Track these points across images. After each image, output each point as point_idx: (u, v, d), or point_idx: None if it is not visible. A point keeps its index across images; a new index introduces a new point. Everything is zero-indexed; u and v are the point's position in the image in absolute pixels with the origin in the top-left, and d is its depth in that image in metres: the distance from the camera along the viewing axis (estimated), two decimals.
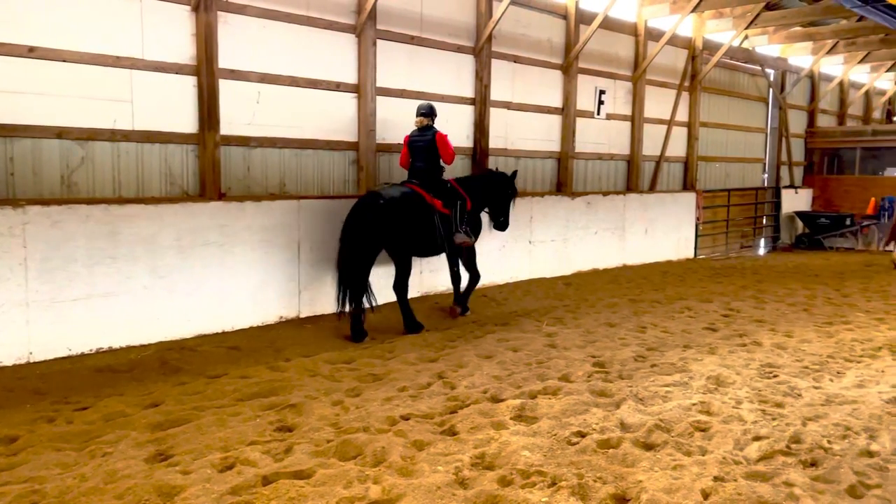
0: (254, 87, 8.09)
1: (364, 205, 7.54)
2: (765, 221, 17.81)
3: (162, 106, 7.39)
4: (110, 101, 7.04)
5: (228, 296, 7.52)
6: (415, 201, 7.84)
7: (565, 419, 4.92)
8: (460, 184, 8.48)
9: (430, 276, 9.69)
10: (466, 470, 4.12)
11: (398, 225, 7.59)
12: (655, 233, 13.87)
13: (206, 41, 7.49)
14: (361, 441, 4.49)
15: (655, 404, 5.29)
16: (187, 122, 7.58)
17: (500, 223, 9.06)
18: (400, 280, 7.81)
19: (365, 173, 9.14)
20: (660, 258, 14.03)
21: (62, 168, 6.81)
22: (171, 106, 7.45)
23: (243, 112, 8.03)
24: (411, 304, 7.94)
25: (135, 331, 6.85)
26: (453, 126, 9.92)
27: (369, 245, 7.51)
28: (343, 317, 7.51)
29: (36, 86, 6.57)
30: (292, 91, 8.43)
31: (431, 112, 8.28)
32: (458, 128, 10.27)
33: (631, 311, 9.02)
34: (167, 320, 7.06)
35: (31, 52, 6.51)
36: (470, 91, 10.54)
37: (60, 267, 6.36)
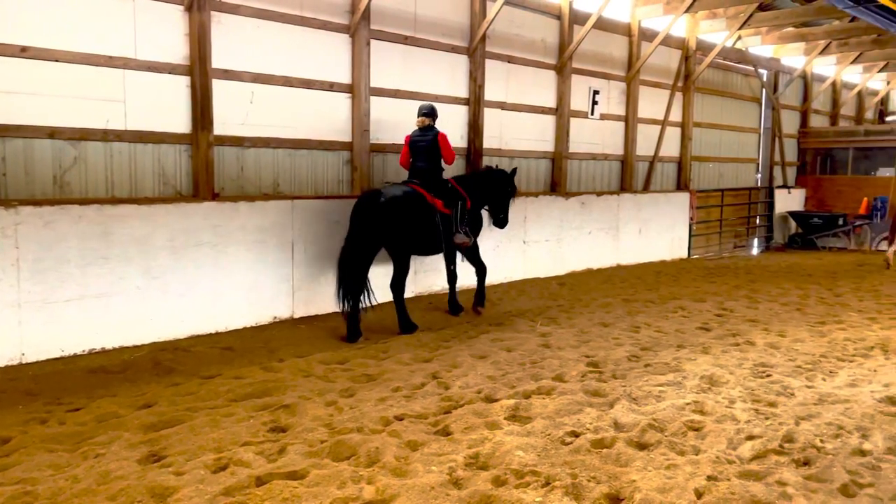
0: (247, 87, 8.07)
1: (365, 203, 7.56)
2: (758, 221, 17.87)
3: (155, 106, 7.37)
4: (103, 101, 7.02)
5: (222, 296, 7.50)
6: (416, 201, 7.85)
7: (559, 419, 4.93)
8: (460, 183, 8.49)
9: (425, 277, 9.70)
10: (460, 470, 4.12)
11: (398, 224, 7.60)
12: (649, 233, 13.90)
13: (199, 41, 7.48)
14: (355, 441, 4.49)
15: (649, 404, 5.30)
16: (180, 122, 7.56)
17: (500, 220, 9.09)
18: (397, 279, 7.81)
19: (359, 173, 9.14)
20: (654, 258, 14.06)
21: (55, 168, 6.78)
22: (165, 106, 7.43)
23: (237, 112, 8.01)
24: (406, 304, 7.94)
25: (128, 331, 6.83)
26: (448, 126, 9.87)
27: (369, 243, 7.53)
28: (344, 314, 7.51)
29: (28, 86, 6.54)
30: (286, 91, 8.42)
31: (433, 112, 8.32)
32: (453, 128, 10.25)
33: (625, 310, 9.03)
34: (160, 321, 7.04)
35: (24, 52, 6.48)
36: (464, 91, 10.54)
37: (53, 267, 6.34)
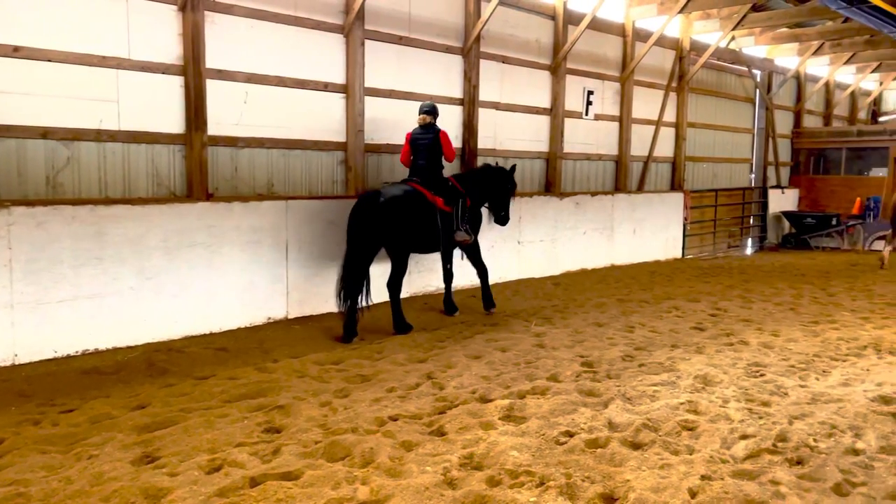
0: (241, 88, 8.06)
1: (364, 204, 7.55)
2: (752, 221, 17.91)
3: (148, 106, 7.35)
4: (96, 101, 6.99)
5: (216, 297, 7.49)
6: (415, 199, 7.86)
7: (553, 419, 4.93)
8: (459, 180, 8.51)
9: (420, 277, 9.70)
10: (455, 470, 4.12)
11: (398, 223, 7.60)
12: (643, 233, 13.92)
13: (193, 41, 7.46)
14: (350, 442, 4.48)
15: (643, 404, 5.31)
16: (174, 122, 7.54)
17: (502, 218, 9.11)
18: (394, 278, 7.81)
19: (353, 174, 9.13)
20: (648, 258, 14.09)
21: (47, 168, 6.76)
22: (158, 106, 7.41)
23: (231, 112, 7.99)
24: (401, 304, 7.93)
25: (121, 332, 6.81)
26: (443, 127, 9.87)
27: (369, 243, 7.53)
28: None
29: (21, 86, 6.52)
30: (280, 91, 8.40)
31: (434, 110, 8.39)
32: (447, 128, 10.16)
33: (619, 310, 9.05)
34: (154, 321, 7.02)
35: (16, 52, 6.45)
36: (458, 91, 10.55)
37: (46, 268, 6.32)
